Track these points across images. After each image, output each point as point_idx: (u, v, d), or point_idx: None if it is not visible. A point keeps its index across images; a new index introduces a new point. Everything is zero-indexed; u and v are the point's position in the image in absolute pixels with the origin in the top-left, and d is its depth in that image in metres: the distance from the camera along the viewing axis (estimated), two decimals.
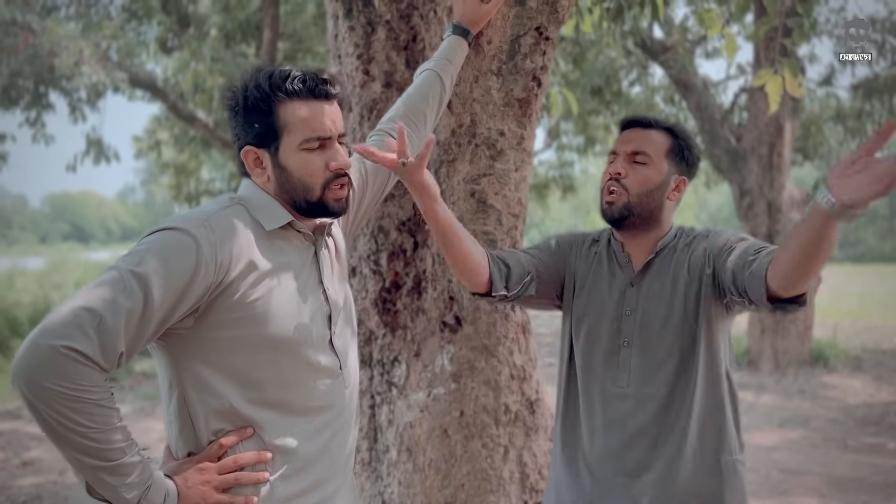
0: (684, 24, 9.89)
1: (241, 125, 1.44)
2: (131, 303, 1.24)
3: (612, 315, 1.76)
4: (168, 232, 1.32)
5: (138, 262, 1.27)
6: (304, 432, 1.44)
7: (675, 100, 11.49)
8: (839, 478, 4.98)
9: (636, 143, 1.74)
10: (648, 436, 1.70)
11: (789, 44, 3.13)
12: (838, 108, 10.79)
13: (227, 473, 1.37)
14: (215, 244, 1.33)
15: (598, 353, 1.77)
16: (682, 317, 1.70)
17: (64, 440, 1.22)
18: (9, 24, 8.67)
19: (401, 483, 2.19)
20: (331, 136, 1.43)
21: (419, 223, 2.21)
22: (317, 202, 1.44)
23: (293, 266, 1.44)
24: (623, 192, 1.72)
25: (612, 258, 1.82)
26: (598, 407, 1.76)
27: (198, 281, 1.30)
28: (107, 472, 1.25)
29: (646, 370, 1.72)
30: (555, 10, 2.08)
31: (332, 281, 1.53)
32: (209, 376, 1.37)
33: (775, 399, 7.45)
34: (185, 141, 12.47)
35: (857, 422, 6.56)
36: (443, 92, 1.91)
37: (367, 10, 2.19)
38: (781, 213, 8.91)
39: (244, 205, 1.44)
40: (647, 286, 1.75)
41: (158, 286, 1.26)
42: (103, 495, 1.28)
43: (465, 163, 2.13)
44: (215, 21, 10.08)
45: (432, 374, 2.17)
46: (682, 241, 1.78)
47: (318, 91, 1.42)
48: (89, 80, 8.77)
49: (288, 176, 1.43)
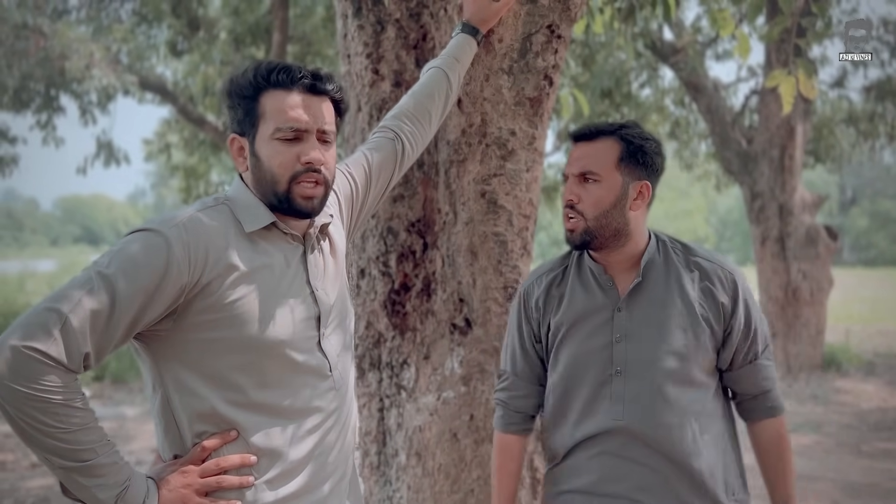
0: (696, 24, 9.85)
1: (229, 113, 1.45)
2: (97, 304, 1.23)
3: (600, 343, 1.62)
4: (140, 233, 1.32)
5: (107, 263, 1.27)
6: (290, 435, 1.41)
7: (686, 102, 11.44)
8: (853, 483, 4.92)
9: (582, 163, 1.60)
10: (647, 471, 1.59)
11: (803, 44, 3.09)
12: (850, 110, 10.71)
13: (209, 476, 1.35)
14: (188, 244, 1.31)
15: (587, 384, 1.63)
16: (681, 344, 1.58)
17: (33, 441, 1.22)
18: (20, 27, 8.73)
19: (410, 487, 2.17)
20: (307, 129, 1.40)
21: (429, 224, 2.19)
22: (284, 196, 1.40)
23: (276, 267, 1.41)
24: (580, 219, 1.60)
25: (588, 282, 1.67)
26: (592, 441, 1.62)
27: (169, 281, 1.28)
28: (78, 472, 1.25)
29: (642, 400, 1.59)
30: (567, 7, 2.05)
31: (324, 282, 1.50)
32: (190, 378, 1.35)
33: (787, 404, 7.35)
34: (195, 144, 12.51)
35: (870, 427, 6.49)
36: (449, 90, 1.88)
37: (377, 9, 2.17)
38: (793, 216, 8.85)
39: (228, 205, 1.43)
40: (637, 311, 1.62)
41: (125, 287, 1.25)
42: (77, 496, 1.28)
43: (475, 163, 2.11)
44: (225, 24, 10.11)
45: (442, 378, 2.14)
46: (668, 256, 1.65)
47: (302, 83, 1.40)
48: (100, 83, 8.82)
49: (260, 166, 1.41)
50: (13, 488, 5.07)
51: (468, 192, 2.12)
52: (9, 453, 5.95)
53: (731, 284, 1.62)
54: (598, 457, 1.62)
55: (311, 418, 1.44)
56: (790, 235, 8.84)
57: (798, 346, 8.83)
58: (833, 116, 10.75)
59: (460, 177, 2.12)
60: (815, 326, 8.86)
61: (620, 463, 1.60)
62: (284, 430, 1.40)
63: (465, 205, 2.12)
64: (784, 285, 8.85)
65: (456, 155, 2.11)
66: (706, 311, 1.60)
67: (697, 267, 1.64)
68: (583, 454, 1.65)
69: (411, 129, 1.81)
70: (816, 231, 8.82)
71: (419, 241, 2.20)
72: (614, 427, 1.59)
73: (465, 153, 2.11)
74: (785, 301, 8.84)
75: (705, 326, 1.59)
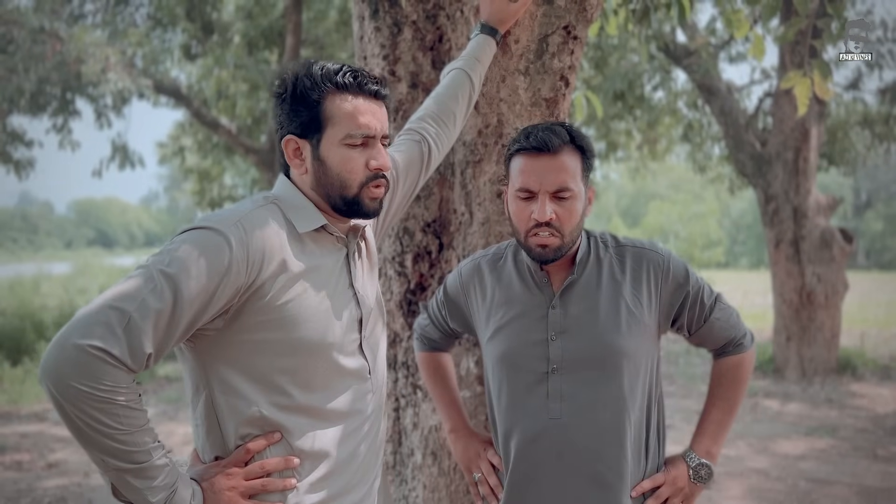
0: (711, 26, 9.81)
1: (286, 114, 1.42)
2: (161, 303, 1.21)
3: (535, 340, 1.61)
4: (200, 231, 1.29)
5: (169, 261, 1.25)
6: (332, 437, 1.42)
7: (699, 104, 11.40)
8: (868, 488, 4.88)
9: (557, 180, 1.54)
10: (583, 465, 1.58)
11: (819, 45, 3.08)
12: (865, 112, 10.64)
13: (253, 479, 1.35)
14: (247, 244, 1.30)
15: (522, 380, 1.62)
16: (615, 338, 1.58)
17: (90, 441, 1.20)
18: (37, 31, 8.83)
19: (426, 487, 2.17)
20: (374, 134, 1.42)
21: (445, 225, 2.20)
22: (353, 200, 1.42)
23: (325, 269, 1.41)
24: (556, 236, 1.56)
25: (525, 277, 1.68)
26: (526, 441, 1.61)
27: (229, 282, 1.27)
28: (132, 474, 1.23)
29: (579, 396, 1.58)
30: (583, 8, 2.06)
31: (364, 284, 1.51)
32: (237, 380, 1.35)
33: (802, 408, 7.33)
34: (209, 147, 12.59)
35: (886, 431, 6.43)
36: (472, 91, 1.89)
37: (394, 11, 2.19)
38: (807, 219, 8.79)
39: (278, 204, 1.42)
40: (571, 307, 1.61)
41: (188, 287, 1.23)
42: (128, 498, 1.27)
43: (491, 163, 2.11)
44: (238, 28, 10.18)
45: (457, 378, 2.15)
46: (601, 252, 1.66)
47: (368, 88, 1.41)
48: (115, 87, 8.90)
49: (326, 170, 1.41)
50: (30, 488, 5.11)
51: (484, 192, 2.13)
52: (25, 453, 6.00)
53: (659, 264, 1.64)
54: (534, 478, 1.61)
55: (352, 420, 1.45)
56: (804, 238, 8.78)
57: (813, 349, 8.76)
58: (847, 119, 10.67)
59: (476, 177, 2.13)
60: (829, 330, 8.79)
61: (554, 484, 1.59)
62: (326, 433, 1.41)
63: (481, 205, 2.13)
64: (798, 289, 8.79)
65: (472, 155, 2.12)
66: (639, 298, 1.62)
67: (627, 255, 1.66)
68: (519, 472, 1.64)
69: (436, 130, 1.82)
70: (831, 234, 8.76)
71: (435, 241, 2.21)
72: (552, 426, 1.58)
73: (481, 154, 2.12)
74: (799, 304, 8.78)
75: (639, 315, 1.61)
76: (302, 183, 1.45)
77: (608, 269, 1.65)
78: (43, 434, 6.66)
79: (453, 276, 1.83)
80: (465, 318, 1.82)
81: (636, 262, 1.65)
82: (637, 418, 1.61)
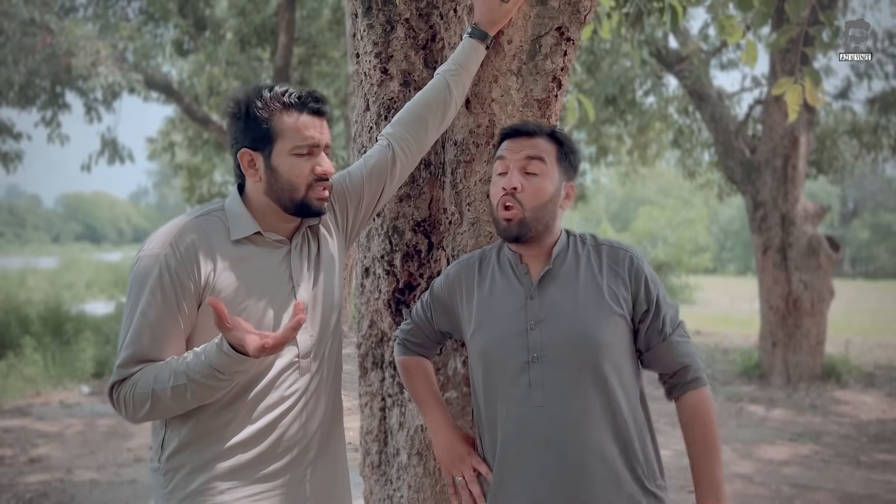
0: (703, 32, 9.86)
1: (240, 130, 1.64)
2: (148, 338, 1.54)
3: (515, 331, 1.64)
4: (137, 265, 1.57)
5: (132, 304, 1.55)
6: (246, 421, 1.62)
7: (690, 111, 11.45)
8: (851, 495, 4.91)
9: (526, 151, 1.65)
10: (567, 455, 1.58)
11: (810, 52, 3.10)
12: (854, 121, 10.72)
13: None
14: (181, 254, 1.56)
15: (505, 370, 1.64)
16: (593, 325, 1.60)
17: (167, 409, 1.54)
18: (27, 23, 8.75)
19: (410, 487, 2.17)
20: (318, 144, 1.65)
21: (434, 224, 2.19)
22: (300, 201, 1.64)
23: (259, 269, 1.63)
24: (519, 208, 1.63)
25: (507, 271, 1.73)
26: (511, 430, 1.63)
27: (179, 288, 1.54)
28: (196, 388, 1.49)
29: (560, 384, 1.60)
30: (577, 10, 2.06)
31: (302, 277, 1.70)
32: None
33: (786, 413, 7.37)
34: (199, 143, 12.53)
35: (869, 438, 6.48)
36: (448, 98, 1.94)
37: (387, 9, 2.18)
38: (795, 226, 8.84)
39: (220, 215, 1.65)
40: (549, 297, 1.65)
41: (153, 313, 1.54)
42: (207, 390, 1.51)
43: (482, 163, 2.11)
44: (231, 25, 10.14)
45: (445, 378, 2.14)
46: (580, 248, 1.71)
47: (311, 107, 1.64)
48: (105, 81, 8.84)
49: (278, 176, 1.63)
50: (12, 483, 5.07)
51: (474, 192, 2.12)
52: (7, 448, 5.95)
53: (630, 264, 1.68)
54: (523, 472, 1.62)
55: (270, 397, 1.63)
56: (792, 246, 8.84)
57: (798, 356, 8.81)
58: (836, 128, 10.76)
59: (467, 177, 2.12)
60: (815, 337, 8.84)
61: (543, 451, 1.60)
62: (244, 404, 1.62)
63: (472, 205, 2.12)
64: (785, 295, 8.84)
65: (463, 155, 2.12)
66: (615, 291, 1.65)
67: (604, 252, 1.71)
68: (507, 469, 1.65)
69: (404, 135, 1.93)
70: (818, 241, 8.82)
71: (424, 240, 2.20)
72: (535, 414, 1.60)
73: (472, 153, 2.11)
74: (785, 311, 8.84)
75: (615, 307, 1.63)
76: (255, 190, 1.66)
77: (586, 263, 1.69)
78: (25, 429, 6.60)
79: (441, 278, 1.87)
80: (451, 318, 1.83)
81: (612, 259, 1.69)
82: (620, 406, 1.61)
